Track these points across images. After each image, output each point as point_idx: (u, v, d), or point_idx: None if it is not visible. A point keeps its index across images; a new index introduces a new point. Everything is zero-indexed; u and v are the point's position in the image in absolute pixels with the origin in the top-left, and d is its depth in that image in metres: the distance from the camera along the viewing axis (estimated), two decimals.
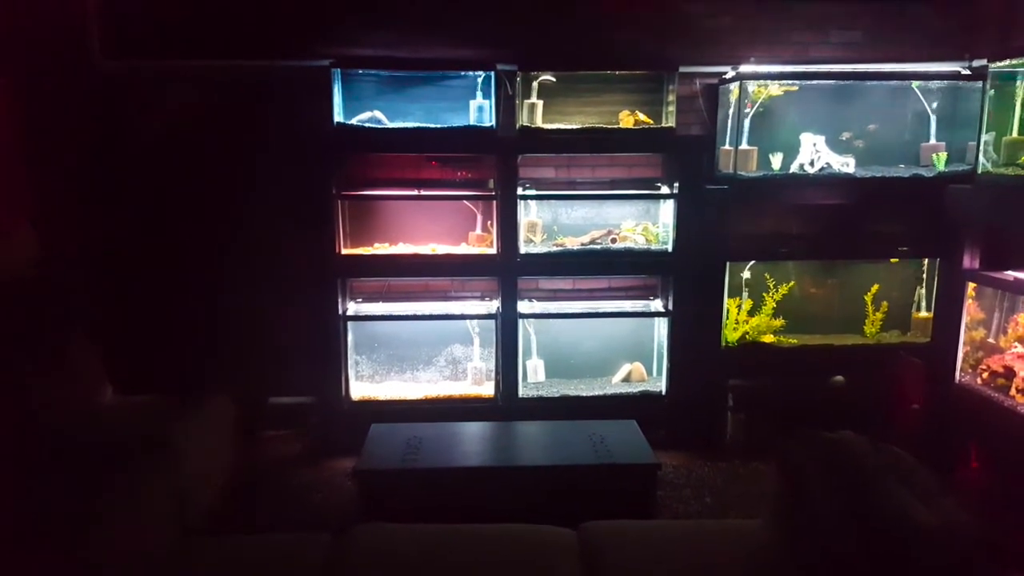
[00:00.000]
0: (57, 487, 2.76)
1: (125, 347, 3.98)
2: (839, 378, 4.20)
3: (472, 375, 4.29)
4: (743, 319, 4.19)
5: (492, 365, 4.18)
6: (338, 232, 4.02)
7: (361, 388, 4.24)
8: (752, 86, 4.03)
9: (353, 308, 4.22)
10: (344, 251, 4.07)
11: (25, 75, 3.57)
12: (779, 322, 4.22)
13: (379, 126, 4.01)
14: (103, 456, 3.00)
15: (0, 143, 3.44)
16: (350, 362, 4.16)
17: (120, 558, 2.43)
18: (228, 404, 3.80)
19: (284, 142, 4.06)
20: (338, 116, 3.95)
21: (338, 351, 4.07)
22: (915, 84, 4.13)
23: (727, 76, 4.08)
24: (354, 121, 4.01)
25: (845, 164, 4.08)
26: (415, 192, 4.13)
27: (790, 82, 4.06)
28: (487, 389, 4.21)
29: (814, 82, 4.10)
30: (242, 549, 2.42)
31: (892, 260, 4.28)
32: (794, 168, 4.09)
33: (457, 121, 4.05)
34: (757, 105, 4.08)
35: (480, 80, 4.02)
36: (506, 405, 4.11)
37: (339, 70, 3.94)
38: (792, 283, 4.26)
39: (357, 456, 3.33)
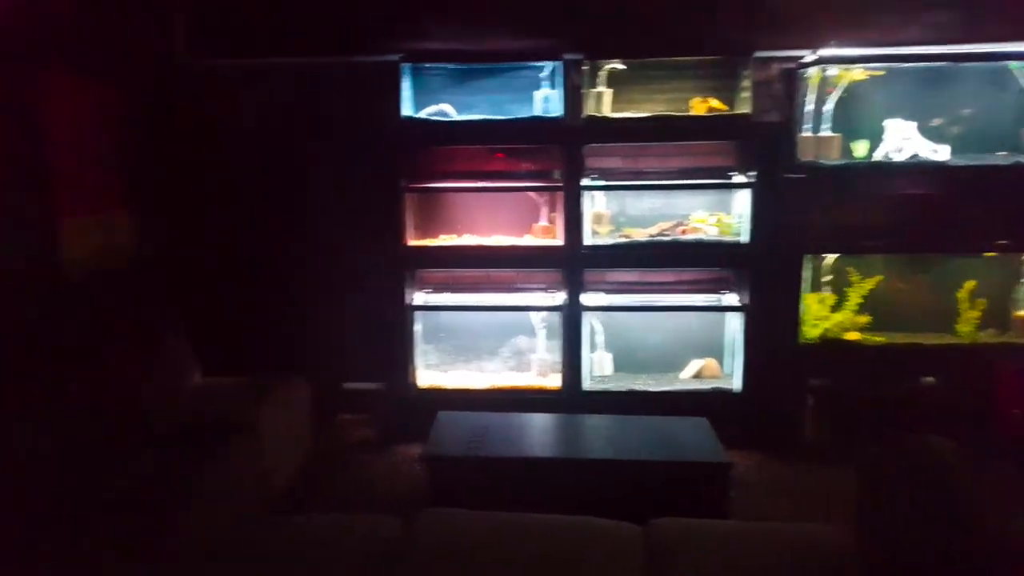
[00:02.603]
0: (153, 463, 2.92)
1: (211, 333, 4.16)
2: (929, 379, 3.95)
3: (537, 367, 4.26)
4: (824, 315, 3.99)
5: (557, 357, 4.15)
6: (405, 224, 4.07)
7: (428, 376, 4.29)
8: (834, 70, 3.85)
9: (420, 298, 4.27)
10: (411, 242, 4.12)
11: (120, 75, 3.80)
12: (864, 319, 4.00)
13: (446, 119, 4.04)
14: (195, 435, 3.17)
15: (99, 139, 3.67)
16: (417, 351, 4.22)
17: (208, 531, 2.54)
18: (305, 388, 3.95)
19: (355, 136, 4.16)
20: (407, 110, 4.01)
21: (405, 340, 4.13)
22: (1014, 65, 3.84)
23: (806, 60, 3.90)
24: (422, 114, 4.06)
25: (935, 151, 3.84)
26: (480, 184, 4.14)
27: (875, 65, 3.84)
28: (552, 381, 4.17)
29: (902, 65, 3.87)
30: (318, 528, 2.48)
31: (988, 254, 3.99)
32: (879, 156, 3.88)
33: (523, 112, 4.04)
34: (839, 90, 3.89)
35: (547, 70, 4.00)
36: (571, 398, 4.06)
37: (408, 65, 4.00)
38: (879, 278, 4.02)
39: (424, 442, 3.36)
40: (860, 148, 3.93)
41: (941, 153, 3.85)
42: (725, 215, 4.14)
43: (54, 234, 3.28)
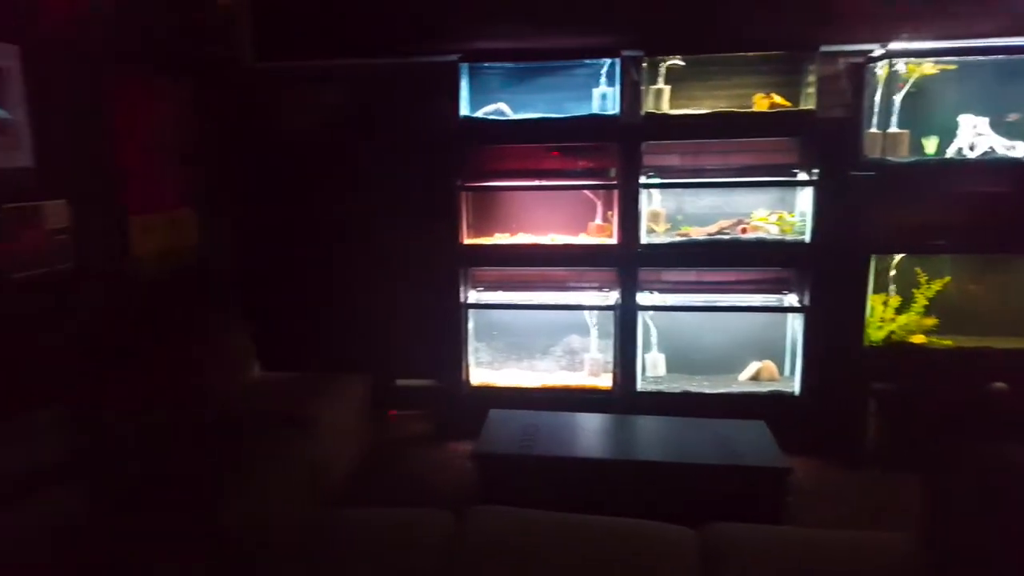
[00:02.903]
0: (211, 455, 3.01)
1: (270, 328, 4.29)
2: (1000, 384, 3.78)
3: (589, 366, 4.24)
4: (889, 317, 3.86)
5: (609, 357, 4.12)
6: (461, 222, 4.10)
7: (480, 374, 4.31)
8: (902, 65, 3.71)
9: (474, 296, 4.29)
10: (466, 241, 4.14)
11: (186, 76, 3.92)
12: (931, 321, 3.85)
13: (503, 118, 4.05)
14: (253, 428, 3.27)
15: (166, 139, 3.79)
16: (470, 348, 4.25)
17: (263, 523, 2.60)
18: (360, 384, 4.01)
19: (413, 135, 4.20)
20: (464, 110, 4.04)
21: (459, 337, 4.17)
22: None
23: (875, 55, 3.77)
24: (479, 114, 4.08)
25: (1011, 148, 3.67)
26: (536, 183, 4.14)
27: (947, 59, 3.69)
28: (604, 381, 4.15)
29: (976, 58, 3.69)
30: (371, 521, 2.53)
31: None
32: (951, 153, 3.73)
33: (581, 110, 4.02)
34: (909, 85, 3.75)
35: (605, 67, 3.96)
36: (623, 398, 4.03)
37: (466, 64, 4.02)
38: (947, 279, 3.87)
39: (475, 439, 3.38)
40: (930, 145, 3.79)
41: (1017, 149, 3.68)
42: (787, 214, 4.05)
43: (124, 231, 3.41)
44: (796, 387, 3.99)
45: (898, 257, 3.91)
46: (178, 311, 3.75)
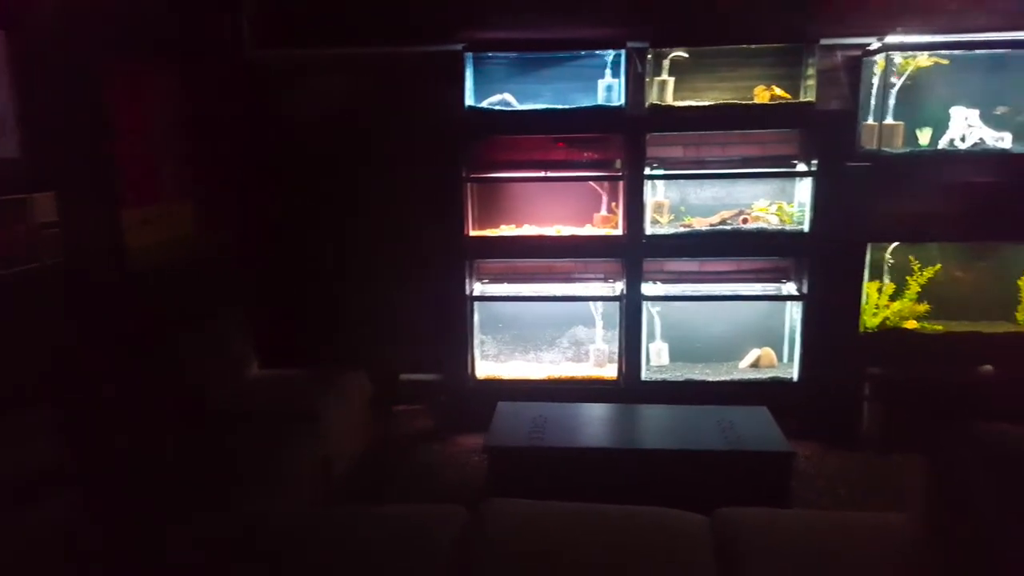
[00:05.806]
0: (213, 452, 2.98)
1: (271, 324, 4.23)
2: (987, 367, 3.93)
3: (594, 357, 4.29)
4: (884, 303, 3.98)
5: (615, 347, 4.17)
6: (467, 214, 4.09)
7: (486, 367, 4.33)
8: (899, 58, 3.80)
9: (479, 288, 4.29)
10: (472, 233, 4.14)
11: (187, 66, 3.80)
12: (923, 307, 3.98)
13: (508, 108, 4.04)
14: (255, 424, 3.22)
15: (166, 128, 3.67)
16: (476, 341, 4.25)
17: (270, 520, 2.57)
18: (364, 379, 3.98)
19: (417, 126, 4.16)
20: (469, 100, 4.01)
21: (465, 330, 4.17)
22: None
23: (872, 48, 3.85)
24: (484, 104, 4.05)
25: (1000, 139, 3.80)
26: (542, 174, 4.15)
27: (941, 53, 3.79)
28: (609, 371, 4.21)
29: (968, 52, 3.80)
30: (382, 518, 2.51)
31: None
32: (943, 144, 3.85)
33: (586, 101, 4.03)
34: (904, 78, 3.84)
35: (610, 59, 3.97)
36: (629, 388, 4.09)
37: (471, 54, 3.99)
38: (938, 266, 4.00)
39: (483, 433, 3.38)
40: (924, 136, 3.89)
41: (1005, 141, 3.81)
42: (787, 204, 4.13)
43: (118, 224, 3.29)
44: (795, 373, 4.09)
45: (892, 245, 4.02)
46: (174, 306, 3.65)
